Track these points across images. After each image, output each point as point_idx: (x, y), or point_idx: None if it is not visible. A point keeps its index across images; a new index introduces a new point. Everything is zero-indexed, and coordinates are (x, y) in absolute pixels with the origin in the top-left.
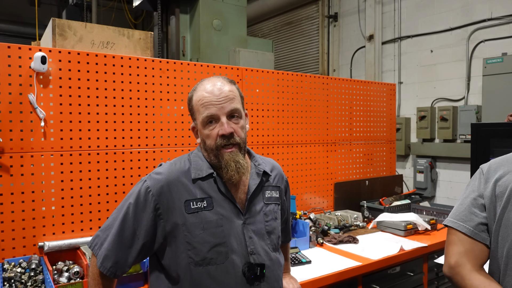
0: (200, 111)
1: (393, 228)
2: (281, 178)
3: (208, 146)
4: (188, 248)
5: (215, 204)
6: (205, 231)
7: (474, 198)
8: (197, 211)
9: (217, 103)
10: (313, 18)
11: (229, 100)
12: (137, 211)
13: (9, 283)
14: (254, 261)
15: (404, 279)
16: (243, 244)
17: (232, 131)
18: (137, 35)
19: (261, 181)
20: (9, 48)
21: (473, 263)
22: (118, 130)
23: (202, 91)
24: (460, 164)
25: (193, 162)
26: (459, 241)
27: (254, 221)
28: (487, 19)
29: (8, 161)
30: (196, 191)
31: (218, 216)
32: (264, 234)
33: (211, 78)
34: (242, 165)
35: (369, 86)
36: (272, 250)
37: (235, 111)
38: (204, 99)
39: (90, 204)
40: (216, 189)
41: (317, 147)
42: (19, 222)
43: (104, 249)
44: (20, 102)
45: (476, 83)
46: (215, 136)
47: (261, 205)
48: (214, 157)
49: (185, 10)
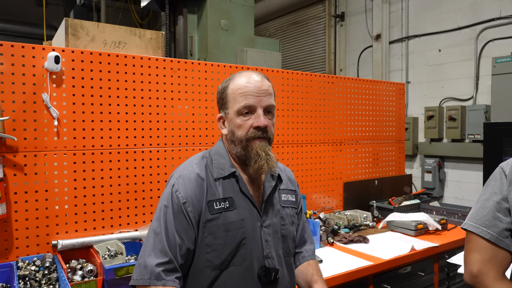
0: (237, 99)
1: (403, 228)
2: (294, 182)
3: (237, 137)
4: (207, 251)
5: (236, 204)
6: (227, 233)
7: (497, 201)
8: (220, 211)
9: (257, 94)
10: (319, 18)
11: (268, 95)
12: (176, 215)
13: (24, 281)
14: (269, 265)
15: (415, 279)
16: (260, 247)
17: (267, 124)
18: (148, 35)
19: (276, 184)
20: (23, 48)
21: (496, 271)
22: (130, 129)
23: (241, 81)
24: (469, 164)
25: (214, 161)
26: (481, 248)
27: (271, 224)
28: (496, 18)
29: (22, 160)
30: (218, 190)
31: (239, 216)
32: (280, 238)
33: (249, 71)
34: (271, 157)
35: (378, 85)
36: (285, 255)
37: (272, 107)
38: (244, 88)
39: (102, 203)
40: (238, 188)
41: (325, 147)
42: (33, 221)
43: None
44: (34, 101)
45: (484, 82)
46: (248, 127)
47: (277, 207)
48: (242, 149)
49: (193, 10)
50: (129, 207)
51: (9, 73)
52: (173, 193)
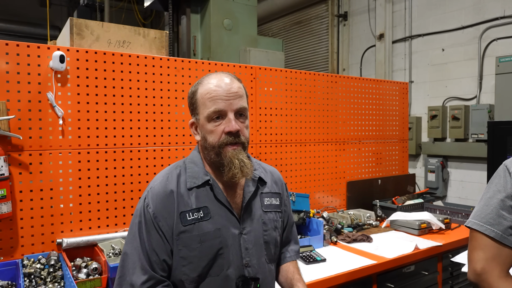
0: (206, 105)
1: (407, 227)
2: (280, 184)
3: (210, 143)
4: (183, 264)
5: (212, 213)
6: (202, 244)
7: (501, 199)
8: (194, 222)
9: (226, 98)
10: (322, 17)
11: (239, 97)
12: (148, 230)
13: (29, 278)
14: (249, 274)
15: (418, 278)
16: (239, 256)
17: (239, 129)
18: (152, 34)
19: (256, 188)
20: (28, 48)
21: (500, 269)
22: (134, 128)
23: (210, 84)
24: (472, 164)
25: (188, 169)
26: (485, 246)
27: (252, 230)
28: (500, 17)
29: (27, 159)
30: (191, 200)
31: (215, 226)
32: (262, 244)
33: (218, 73)
34: (246, 164)
35: (381, 85)
36: (268, 262)
37: (243, 109)
38: (212, 93)
39: (107, 202)
40: (213, 196)
41: (328, 146)
42: (38, 219)
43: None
44: (39, 100)
45: (488, 81)
46: (220, 132)
47: (259, 213)
48: (215, 155)
49: (196, 10)
50: (133, 205)
51: (15, 73)
52: (144, 207)
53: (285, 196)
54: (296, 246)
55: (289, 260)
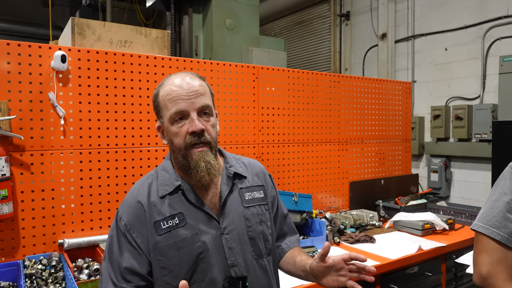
0: (168, 106)
1: (410, 228)
2: (262, 175)
3: (176, 146)
4: (163, 274)
5: (187, 218)
6: (180, 251)
7: (507, 201)
8: (169, 230)
9: (186, 97)
10: (325, 17)
11: (199, 95)
12: (120, 243)
13: (31, 279)
14: (236, 274)
15: (422, 279)
16: (223, 257)
17: (203, 128)
18: (154, 34)
19: (233, 184)
20: (29, 47)
21: (506, 273)
22: (136, 128)
23: (170, 85)
24: (476, 164)
25: (159, 177)
26: (491, 249)
27: (234, 229)
28: (503, 17)
29: (29, 159)
30: (165, 209)
31: (193, 231)
32: (247, 241)
33: (179, 73)
34: (213, 166)
35: (384, 84)
36: (256, 257)
37: (206, 107)
38: (172, 93)
39: (108, 202)
40: (186, 201)
41: (331, 146)
42: (39, 220)
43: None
44: (40, 100)
45: (491, 81)
46: (184, 134)
47: (240, 209)
48: (182, 157)
49: (198, 10)
50: None
51: (16, 73)
52: (117, 220)
53: (270, 187)
54: (293, 236)
55: (288, 250)
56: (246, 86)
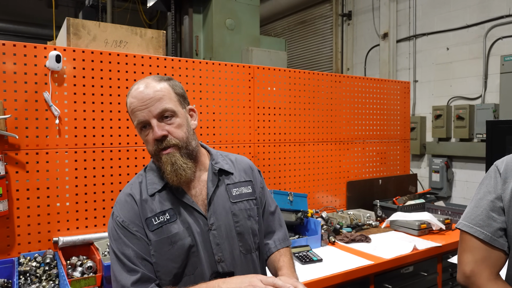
0: (132, 118)
1: (407, 228)
2: (250, 171)
3: (149, 152)
4: (157, 269)
5: (178, 214)
6: (173, 246)
7: (491, 200)
8: (161, 225)
9: (144, 107)
10: (326, 17)
11: (157, 101)
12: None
13: (25, 276)
14: (223, 270)
15: (417, 279)
16: (210, 252)
17: (163, 134)
18: (149, 34)
19: (219, 180)
20: (25, 47)
21: (489, 271)
22: (131, 127)
23: (129, 97)
24: (477, 164)
25: (148, 176)
26: (475, 248)
27: (221, 225)
28: (505, 16)
29: (24, 158)
30: (155, 205)
31: (183, 225)
32: (235, 236)
33: (139, 81)
34: (180, 166)
35: (383, 84)
36: (245, 253)
37: (165, 111)
38: (131, 106)
39: (103, 201)
40: (175, 198)
41: (330, 146)
42: (35, 218)
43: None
44: (35, 100)
45: (493, 81)
46: (152, 141)
47: (227, 205)
48: (156, 161)
49: (198, 10)
50: None
51: (11, 72)
52: (114, 220)
53: (259, 182)
54: (280, 233)
55: (274, 251)
56: (242, 86)
